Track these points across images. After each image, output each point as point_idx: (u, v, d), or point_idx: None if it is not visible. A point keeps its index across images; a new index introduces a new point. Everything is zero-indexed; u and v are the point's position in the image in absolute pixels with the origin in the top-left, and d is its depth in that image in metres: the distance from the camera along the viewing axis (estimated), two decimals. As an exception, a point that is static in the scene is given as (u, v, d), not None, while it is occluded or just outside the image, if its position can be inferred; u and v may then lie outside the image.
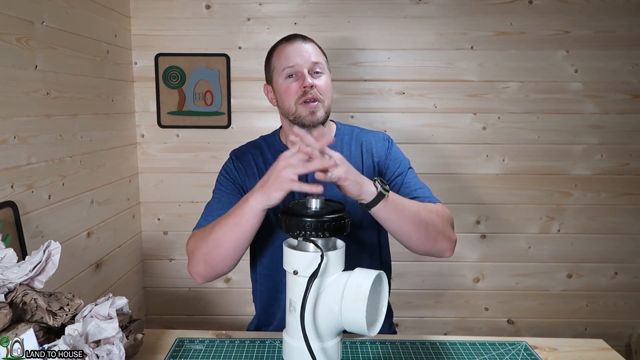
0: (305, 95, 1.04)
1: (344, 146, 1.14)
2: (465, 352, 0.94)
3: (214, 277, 1.03)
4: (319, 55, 1.09)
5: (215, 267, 1.00)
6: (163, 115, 1.95)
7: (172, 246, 2.04)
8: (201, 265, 1.01)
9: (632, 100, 1.94)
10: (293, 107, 1.06)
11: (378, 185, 0.90)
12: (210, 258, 0.99)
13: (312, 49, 1.08)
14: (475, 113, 1.95)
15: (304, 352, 0.78)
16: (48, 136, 1.35)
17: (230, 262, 0.99)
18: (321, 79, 1.07)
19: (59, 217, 1.40)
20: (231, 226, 0.94)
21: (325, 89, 1.07)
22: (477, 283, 2.06)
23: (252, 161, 1.14)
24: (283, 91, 1.07)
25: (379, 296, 0.84)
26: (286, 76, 1.07)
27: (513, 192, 2.00)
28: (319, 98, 1.05)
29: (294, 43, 1.07)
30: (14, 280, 0.79)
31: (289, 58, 1.06)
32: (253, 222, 0.92)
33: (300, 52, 1.06)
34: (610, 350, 0.97)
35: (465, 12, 1.89)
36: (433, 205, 1.05)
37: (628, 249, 2.03)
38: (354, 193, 0.88)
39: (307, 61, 1.06)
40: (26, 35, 1.25)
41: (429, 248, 1.02)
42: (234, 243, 0.95)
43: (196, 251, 1.01)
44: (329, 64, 1.13)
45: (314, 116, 1.05)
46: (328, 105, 1.08)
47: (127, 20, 1.87)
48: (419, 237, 0.99)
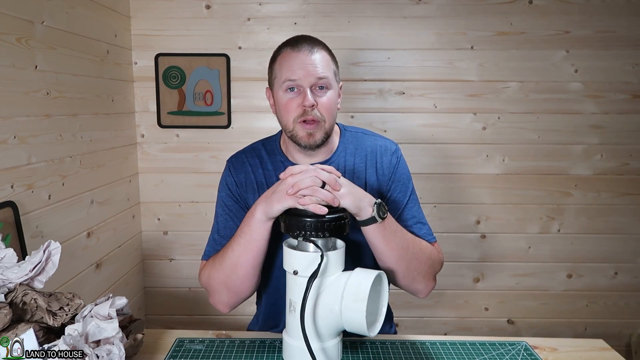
0: (304, 115, 0.96)
1: (347, 157, 1.07)
2: (465, 352, 0.94)
3: (239, 302, 1.02)
4: (327, 67, 0.98)
5: (238, 292, 0.99)
6: (163, 115, 1.95)
7: (172, 246, 2.03)
8: (224, 294, 1.00)
9: (632, 100, 1.94)
10: (291, 125, 0.99)
11: (374, 209, 0.88)
12: (231, 283, 0.97)
13: (319, 59, 0.97)
14: (476, 113, 1.95)
15: (304, 352, 0.78)
16: (48, 136, 1.35)
17: (251, 282, 0.98)
18: (325, 96, 0.98)
19: (59, 217, 1.40)
20: (244, 246, 0.92)
21: (327, 108, 0.98)
22: (477, 283, 2.06)
23: (252, 174, 1.07)
24: (282, 106, 0.99)
25: (379, 296, 0.84)
26: (286, 89, 0.98)
27: (513, 192, 2.00)
28: (318, 119, 0.97)
29: (299, 52, 0.97)
30: (14, 280, 0.79)
31: (291, 70, 0.96)
32: (264, 234, 0.91)
33: (305, 64, 0.96)
34: (610, 350, 0.97)
35: (466, 12, 1.89)
36: (427, 245, 1.03)
37: (628, 249, 2.03)
38: (353, 211, 0.87)
39: (311, 76, 0.96)
40: (26, 35, 1.25)
41: (405, 284, 1.00)
42: (251, 261, 0.94)
43: (213, 282, 0.99)
44: (338, 71, 1.04)
45: (311, 138, 0.98)
46: (329, 125, 1.00)
47: (127, 20, 1.87)
48: (398, 271, 0.96)
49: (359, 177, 1.06)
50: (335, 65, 1.03)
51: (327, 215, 0.81)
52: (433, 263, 1.02)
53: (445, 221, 2.01)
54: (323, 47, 1.01)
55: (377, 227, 0.90)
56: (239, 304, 1.03)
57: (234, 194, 1.07)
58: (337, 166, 1.05)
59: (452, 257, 2.04)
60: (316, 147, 1.01)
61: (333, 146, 1.08)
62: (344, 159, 1.07)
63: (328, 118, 0.99)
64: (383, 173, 1.06)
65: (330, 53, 1.02)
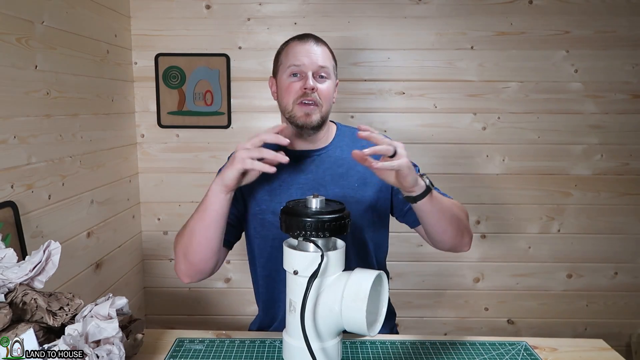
0: (304, 96, 1.04)
1: (344, 147, 1.13)
2: (465, 352, 0.94)
3: (196, 274, 1.04)
4: (328, 59, 1.08)
5: (194, 262, 1.01)
6: (163, 115, 1.95)
7: (172, 246, 2.02)
8: (182, 263, 1.03)
9: (632, 100, 1.94)
10: (290, 105, 1.06)
11: (426, 179, 0.92)
12: (188, 253, 1.01)
13: (321, 52, 1.07)
14: (476, 113, 1.95)
15: (304, 352, 0.78)
16: (48, 136, 1.35)
17: (205, 254, 1.00)
18: (324, 84, 1.06)
19: (59, 217, 1.40)
20: (200, 214, 0.98)
21: (326, 94, 1.06)
22: (477, 283, 2.06)
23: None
24: (284, 88, 1.07)
25: (379, 296, 0.84)
26: (290, 74, 1.06)
27: (513, 192, 2.00)
28: (317, 102, 1.05)
29: (305, 43, 1.07)
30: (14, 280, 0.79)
31: (296, 57, 1.05)
32: (217, 206, 0.95)
33: (309, 53, 1.05)
34: (610, 350, 0.97)
35: (465, 12, 1.89)
36: (456, 202, 1.10)
37: (628, 249, 2.03)
38: (410, 183, 0.88)
39: (314, 63, 1.05)
40: (26, 35, 1.25)
41: (457, 242, 1.05)
42: (204, 231, 0.98)
43: (175, 249, 1.04)
44: (337, 69, 1.12)
45: (308, 118, 1.05)
46: (326, 111, 1.07)
47: (127, 20, 1.87)
48: (452, 231, 1.02)
49: (357, 167, 1.10)
50: (335, 62, 1.12)
51: (327, 215, 0.81)
52: (466, 215, 1.10)
53: (445, 221, 2.01)
54: (326, 45, 1.11)
55: (430, 198, 0.93)
56: (200, 279, 1.05)
57: None
58: (334, 153, 1.12)
59: (452, 257, 2.04)
60: (312, 129, 1.06)
61: (330, 136, 1.15)
62: (341, 148, 1.13)
63: (325, 104, 1.06)
64: None
65: (331, 52, 1.11)
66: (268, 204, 1.09)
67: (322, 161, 1.11)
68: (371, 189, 1.10)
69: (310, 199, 0.84)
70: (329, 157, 1.12)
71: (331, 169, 1.11)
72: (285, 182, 1.09)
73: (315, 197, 0.84)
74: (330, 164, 1.11)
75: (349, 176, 1.10)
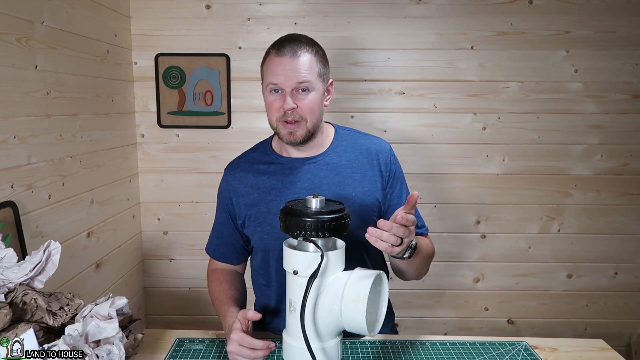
0: (285, 116, 1.02)
1: (342, 152, 1.11)
2: (465, 352, 0.94)
3: None
4: (309, 70, 1.01)
5: None
6: (163, 115, 1.95)
7: (172, 246, 2.04)
8: None
9: (632, 100, 1.94)
10: (274, 122, 1.05)
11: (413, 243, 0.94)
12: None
13: (300, 64, 1.00)
14: (476, 113, 1.95)
15: (304, 352, 0.78)
16: (48, 136, 1.35)
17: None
18: (306, 99, 1.02)
19: (59, 217, 1.40)
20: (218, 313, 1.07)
21: (309, 108, 1.02)
22: (477, 283, 2.06)
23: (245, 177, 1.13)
24: (267, 104, 1.06)
25: (379, 296, 0.84)
26: (270, 90, 1.04)
27: (513, 192, 2.00)
28: (300, 117, 1.02)
29: (282, 57, 1.01)
30: (14, 280, 0.79)
31: (274, 74, 1.02)
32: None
33: (285, 69, 1.00)
34: (610, 350, 0.97)
35: (466, 12, 1.89)
36: (427, 243, 1.12)
37: (628, 249, 2.03)
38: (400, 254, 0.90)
39: (291, 80, 1.00)
40: (26, 35, 1.25)
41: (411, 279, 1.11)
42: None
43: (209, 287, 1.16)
44: (326, 72, 1.06)
45: (292, 136, 1.04)
46: (312, 123, 1.04)
47: (127, 20, 1.87)
48: (423, 270, 1.09)
49: (356, 171, 1.09)
50: (322, 65, 1.05)
51: (327, 215, 0.80)
52: (432, 257, 1.13)
53: (445, 221, 2.01)
54: (308, 49, 1.02)
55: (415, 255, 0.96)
56: None
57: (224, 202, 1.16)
58: (332, 160, 1.11)
59: (452, 257, 2.04)
60: (298, 144, 1.06)
61: (326, 141, 1.13)
62: (338, 154, 1.11)
63: (310, 118, 1.03)
64: (380, 170, 1.11)
65: (315, 53, 1.04)
66: (265, 216, 1.09)
67: (319, 168, 1.09)
68: (370, 197, 1.09)
69: (310, 198, 0.84)
70: (326, 165, 1.10)
71: (328, 177, 1.08)
72: (281, 193, 1.08)
73: (315, 197, 0.84)
74: (327, 172, 1.09)
75: (346, 185, 1.08)
